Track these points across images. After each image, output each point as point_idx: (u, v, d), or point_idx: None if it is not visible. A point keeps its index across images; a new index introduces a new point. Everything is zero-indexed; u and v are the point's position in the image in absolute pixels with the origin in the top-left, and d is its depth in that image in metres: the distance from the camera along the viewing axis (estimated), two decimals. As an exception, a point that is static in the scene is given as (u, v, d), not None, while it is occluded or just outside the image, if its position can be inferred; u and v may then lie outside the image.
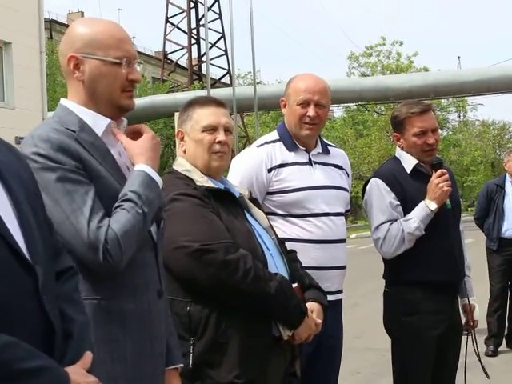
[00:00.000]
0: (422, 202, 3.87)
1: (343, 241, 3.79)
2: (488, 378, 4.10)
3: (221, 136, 3.12)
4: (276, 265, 3.06)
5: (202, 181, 3.07)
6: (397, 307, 3.96)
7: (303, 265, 3.33)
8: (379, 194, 3.96)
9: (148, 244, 2.41)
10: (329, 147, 3.93)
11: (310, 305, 3.11)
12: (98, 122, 2.41)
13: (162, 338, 2.46)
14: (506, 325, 8.29)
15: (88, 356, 1.87)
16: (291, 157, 3.73)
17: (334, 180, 3.80)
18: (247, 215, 3.17)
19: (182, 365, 2.62)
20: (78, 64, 2.41)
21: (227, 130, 3.16)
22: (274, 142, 3.78)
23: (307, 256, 3.52)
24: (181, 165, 3.18)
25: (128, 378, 2.30)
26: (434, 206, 3.85)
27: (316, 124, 3.75)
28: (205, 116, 3.14)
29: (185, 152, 3.19)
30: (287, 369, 3.10)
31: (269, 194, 3.67)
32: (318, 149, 3.84)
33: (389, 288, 4.05)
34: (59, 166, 2.25)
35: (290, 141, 3.77)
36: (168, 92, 34.79)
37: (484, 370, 4.13)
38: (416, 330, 3.89)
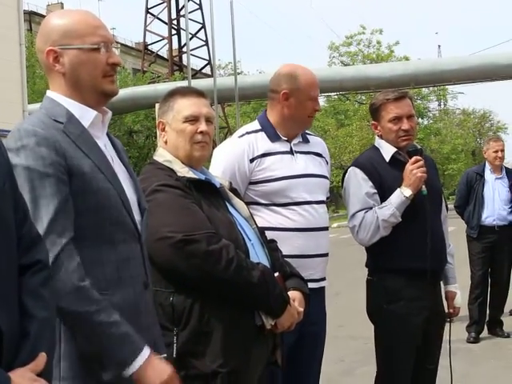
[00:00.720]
0: (398, 189, 3.91)
1: (326, 228, 3.82)
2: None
3: (202, 126, 3.13)
4: (257, 254, 3.08)
5: (183, 171, 3.08)
6: (379, 295, 3.99)
7: (287, 253, 3.35)
8: (356, 183, 4.00)
9: (133, 236, 2.42)
10: (307, 136, 3.96)
11: (292, 293, 3.13)
12: (85, 114, 2.42)
13: (150, 329, 2.48)
14: (488, 311, 8.37)
15: (42, 358, 1.80)
16: (273, 146, 3.75)
17: (315, 168, 3.83)
18: (228, 205, 3.17)
19: (165, 355, 2.64)
20: (57, 57, 2.42)
21: (208, 120, 3.17)
22: (256, 131, 3.80)
23: (290, 244, 3.56)
24: (161, 155, 3.18)
25: None
26: (408, 192, 3.87)
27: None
28: (186, 106, 3.15)
29: (166, 143, 3.20)
30: (269, 357, 3.12)
31: (251, 183, 3.68)
32: (299, 138, 3.87)
33: (371, 276, 4.09)
34: (40, 165, 2.25)
35: (272, 131, 3.79)
36: (149, 83, 34.63)
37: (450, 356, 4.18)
38: (399, 317, 3.93)
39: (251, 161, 3.69)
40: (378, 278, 4.03)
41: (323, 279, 3.82)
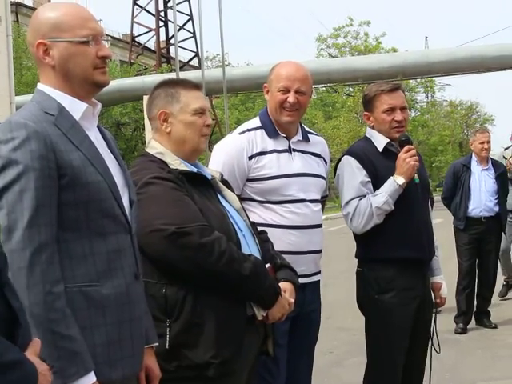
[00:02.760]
0: (391, 177, 3.94)
1: (319, 226, 3.86)
2: (438, 352, 4.19)
3: (209, 119, 3.20)
4: (249, 245, 3.10)
5: (175, 164, 3.09)
6: (370, 286, 4.02)
7: (280, 249, 3.40)
8: (351, 171, 4.04)
9: (123, 228, 2.44)
10: (309, 135, 3.99)
11: (283, 284, 3.16)
12: (76, 106, 2.43)
13: (141, 320, 2.51)
14: (475, 302, 8.41)
15: (37, 343, 1.87)
16: (271, 144, 3.79)
17: (312, 168, 3.88)
18: (220, 197, 3.19)
19: (157, 344, 2.67)
20: (46, 49, 2.43)
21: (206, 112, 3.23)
22: (256, 129, 3.84)
23: (284, 241, 3.64)
24: (153, 148, 3.18)
25: (110, 360, 2.35)
26: (401, 180, 3.91)
27: (297, 110, 3.81)
28: (194, 99, 3.17)
29: (169, 133, 3.18)
30: (260, 347, 3.15)
31: (248, 180, 3.73)
32: (299, 136, 3.90)
33: (361, 267, 4.12)
34: (28, 158, 2.25)
35: (272, 128, 3.83)
36: (136, 75, 34.56)
37: (433, 346, 4.20)
38: (391, 306, 3.96)
39: (250, 158, 3.73)
40: (368, 269, 4.06)
41: (316, 273, 3.87)
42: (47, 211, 2.26)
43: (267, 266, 3.13)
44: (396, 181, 3.92)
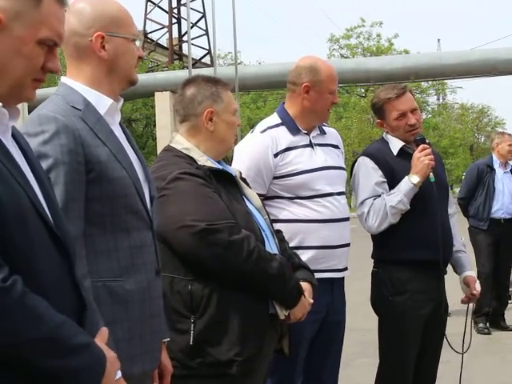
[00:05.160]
0: (406, 176, 3.94)
1: (347, 219, 3.87)
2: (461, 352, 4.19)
3: (239, 120, 3.25)
4: (270, 245, 3.11)
5: (202, 160, 3.08)
6: (384, 287, 4.02)
7: (313, 244, 3.43)
8: (366, 172, 4.04)
9: (145, 223, 2.45)
10: (324, 127, 4.00)
11: (303, 285, 3.16)
12: (101, 102, 2.43)
13: (161, 316, 2.52)
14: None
15: (105, 331, 1.91)
16: (295, 140, 3.79)
17: (334, 160, 3.89)
18: (242, 196, 3.20)
19: (168, 339, 2.67)
20: (102, 42, 2.43)
21: None
22: (277, 126, 3.83)
23: (317, 236, 3.64)
24: (179, 143, 3.17)
25: (131, 355, 2.35)
26: (416, 179, 3.90)
27: None
28: (232, 99, 3.20)
29: (212, 132, 3.15)
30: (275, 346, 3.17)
31: (275, 178, 3.72)
32: (316, 130, 3.92)
33: (376, 267, 4.12)
34: (57, 152, 2.25)
35: (293, 125, 3.82)
36: (148, 71, 34.56)
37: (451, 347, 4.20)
38: (403, 309, 3.96)
39: (275, 156, 3.71)
40: (383, 270, 4.06)
41: (346, 269, 3.87)
42: (76, 205, 2.27)
43: None
44: (411, 180, 3.91)
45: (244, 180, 3.35)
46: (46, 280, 1.74)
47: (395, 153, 4.06)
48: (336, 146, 3.99)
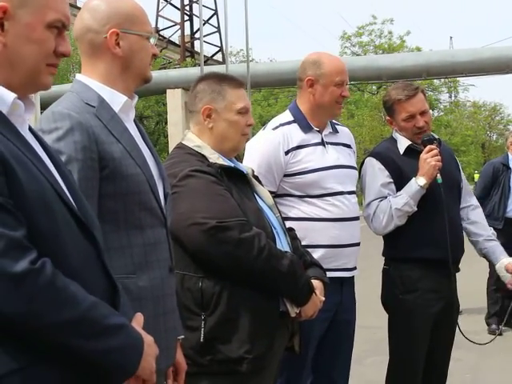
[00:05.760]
0: (413, 178, 3.93)
1: (357, 218, 3.86)
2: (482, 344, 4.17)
3: (251, 119, 3.20)
4: (281, 243, 3.11)
5: (213, 158, 3.09)
6: (395, 285, 4.02)
7: (323, 243, 3.43)
8: (372, 173, 4.04)
9: (159, 220, 2.45)
10: (336, 126, 3.99)
11: (314, 282, 3.16)
12: (116, 99, 2.44)
13: (174, 313, 2.53)
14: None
15: (140, 316, 1.94)
16: (306, 138, 3.78)
17: (345, 159, 3.88)
18: (254, 193, 3.20)
19: (183, 336, 2.67)
20: (116, 39, 2.43)
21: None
22: (289, 123, 3.82)
23: (327, 234, 3.63)
24: (191, 140, 3.18)
25: None
26: (422, 181, 3.89)
27: (343, 102, 3.88)
28: (239, 98, 3.17)
29: (211, 129, 3.17)
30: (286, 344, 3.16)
31: (286, 175, 3.71)
32: (329, 129, 3.91)
33: (387, 265, 4.12)
34: (72, 149, 2.27)
35: (305, 122, 3.82)
36: (160, 69, 34.60)
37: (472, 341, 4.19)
38: (413, 307, 3.96)
39: (286, 153, 3.71)
40: (394, 268, 4.06)
41: (355, 268, 3.86)
42: (90, 202, 2.26)
43: None
44: (417, 182, 3.91)
45: (256, 177, 3.35)
46: (76, 263, 1.75)
47: (402, 152, 4.06)
48: (348, 146, 3.98)
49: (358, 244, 3.84)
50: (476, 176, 36.97)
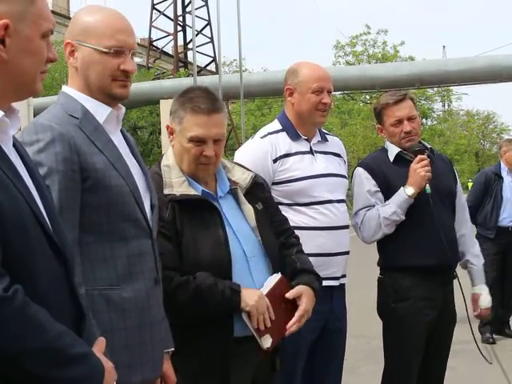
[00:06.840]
0: (401, 188, 3.94)
1: (346, 227, 3.86)
2: (489, 363, 4.17)
3: (208, 151, 2.99)
4: (251, 270, 3.02)
5: (177, 183, 3.01)
6: (388, 293, 4.03)
7: (310, 251, 3.37)
8: (360, 182, 4.07)
9: (145, 232, 2.45)
10: (326, 135, 3.99)
11: (298, 288, 3.10)
12: (100, 110, 2.45)
13: (161, 324, 2.51)
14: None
15: (102, 341, 1.92)
16: (294, 146, 3.78)
17: (335, 168, 3.88)
18: (227, 219, 3.07)
19: (173, 349, 2.65)
20: (73, 51, 2.46)
21: (218, 140, 3.02)
22: (277, 132, 3.83)
23: (314, 243, 3.60)
24: (166, 157, 3.14)
25: (130, 364, 2.35)
26: (410, 191, 3.91)
27: (326, 111, 3.83)
28: (193, 126, 2.99)
29: (173, 147, 3.13)
30: (266, 361, 3.10)
31: (274, 184, 3.70)
32: (318, 137, 3.91)
33: (382, 274, 4.13)
34: (52, 160, 2.27)
35: (293, 130, 3.82)
36: (153, 79, 34.60)
37: (483, 355, 4.19)
38: (405, 315, 3.96)
39: (274, 161, 3.71)
40: (387, 277, 4.07)
41: (344, 276, 3.85)
42: (70, 213, 2.27)
43: (279, 276, 3.05)
44: (405, 191, 3.93)
45: (260, 185, 3.28)
46: (46, 289, 1.74)
47: (391, 159, 4.08)
48: (338, 155, 3.98)
49: (346, 253, 3.84)
50: (470, 185, 36.96)
